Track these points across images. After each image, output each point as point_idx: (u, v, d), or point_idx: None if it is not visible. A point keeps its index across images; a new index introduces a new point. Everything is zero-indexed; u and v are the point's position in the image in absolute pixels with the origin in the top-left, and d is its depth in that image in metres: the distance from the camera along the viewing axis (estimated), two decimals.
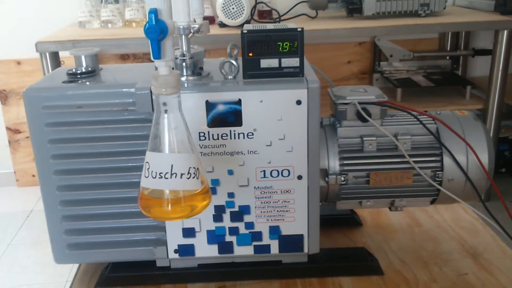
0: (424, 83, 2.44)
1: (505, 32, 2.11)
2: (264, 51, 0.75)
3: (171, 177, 0.61)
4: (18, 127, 2.70)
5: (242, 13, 2.02)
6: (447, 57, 2.65)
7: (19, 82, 2.61)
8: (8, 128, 2.70)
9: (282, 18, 2.31)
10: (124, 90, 0.76)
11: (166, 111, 0.62)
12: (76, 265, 0.90)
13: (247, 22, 2.08)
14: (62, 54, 2.03)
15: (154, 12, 0.58)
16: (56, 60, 2.00)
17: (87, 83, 0.79)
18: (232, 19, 2.03)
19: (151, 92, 0.74)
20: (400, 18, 2.16)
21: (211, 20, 2.23)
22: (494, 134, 2.29)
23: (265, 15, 2.34)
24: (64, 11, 2.46)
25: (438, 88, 2.44)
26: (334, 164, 0.81)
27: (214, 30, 2.07)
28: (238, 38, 0.75)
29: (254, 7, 2.26)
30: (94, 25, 2.26)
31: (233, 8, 2.00)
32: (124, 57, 2.56)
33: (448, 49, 2.67)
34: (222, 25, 2.09)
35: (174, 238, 0.81)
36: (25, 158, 2.74)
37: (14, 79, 2.62)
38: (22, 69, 2.61)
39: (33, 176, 2.73)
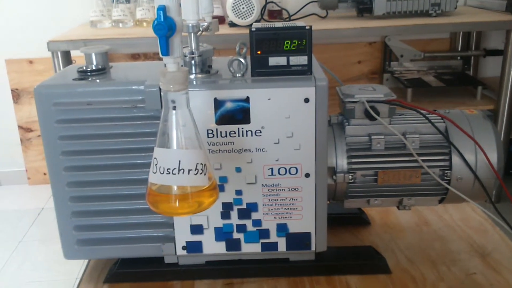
0: (435, 84, 2.43)
1: None
2: (273, 49, 0.75)
3: (178, 173, 0.61)
4: (30, 126, 2.73)
5: (252, 13, 2.02)
6: (458, 57, 2.64)
7: (31, 81, 2.64)
8: (20, 127, 2.73)
9: (292, 17, 2.31)
10: (133, 87, 0.76)
11: (174, 108, 0.62)
12: (86, 263, 0.90)
13: (257, 21, 2.08)
14: (74, 54, 2.05)
15: (162, 9, 0.58)
16: (67, 59, 2.02)
17: (97, 80, 0.80)
18: (242, 18, 2.03)
19: (160, 89, 0.74)
20: (410, 18, 2.15)
21: (221, 19, 2.24)
22: (505, 135, 2.27)
23: (275, 14, 2.34)
24: (76, 11, 2.48)
25: (449, 89, 2.43)
26: (342, 162, 0.81)
27: (224, 29, 2.07)
28: (248, 37, 0.75)
29: (264, 6, 2.26)
30: (105, 25, 2.28)
31: (243, 8, 2.01)
32: (135, 57, 2.58)
33: (459, 49, 2.65)
34: (232, 24, 2.10)
35: (182, 234, 0.81)
36: (37, 156, 2.76)
37: (26, 78, 2.65)
38: (34, 68, 2.63)
39: (45, 174, 2.76)
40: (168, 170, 0.62)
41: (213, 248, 0.82)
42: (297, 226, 0.81)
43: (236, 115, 0.75)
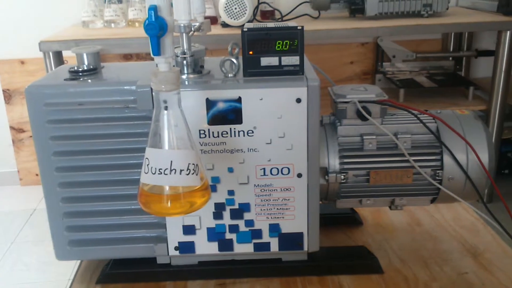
0: (427, 84, 2.44)
1: (508, 33, 2.11)
2: (264, 49, 0.75)
3: (170, 173, 0.61)
4: (21, 126, 2.71)
5: (245, 13, 2.02)
6: (450, 58, 2.65)
7: (22, 82, 2.62)
8: (12, 127, 2.71)
9: (284, 18, 2.31)
10: (125, 87, 0.76)
11: (166, 108, 0.62)
12: (78, 263, 0.90)
13: (250, 22, 2.08)
14: (66, 54, 2.04)
15: (153, 8, 0.58)
16: (59, 60, 2.01)
17: (89, 80, 0.79)
18: (234, 19, 2.03)
19: (152, 89, 0.74)
20: (402, 19, 2.16)
21: (213, 20, 2.24)
22: (496, 135, 2.29)
23: (268, 15, 2.34)
24: (68, 11, 2.47)
25: (441, 89, 2.45)
26: (334, 162, 0.81)
27: (217, 30, 2.07)
28: (240, 37, 0.75)
29: (257, 7, 2.26)
30: (97, 25, 2.27)
31: (235, 8, 2.01)
32: (127, 57, 2.57)
33: (451, 50, 2.67)
34: (225, 25, 2.10)
35: (175, 235, 0.81)
36: (29, 157, 2.75)
37: (18, 79, 2.63)
38: (26, 69, 2.62)
39: (36, 175, 2.74)
40: (160, 170, 0.62)
41: (205, 248, 0.82)
42: (289, 226, 0.81)
43: (228, 115, 0.75)
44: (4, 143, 2.74)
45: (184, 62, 0.78)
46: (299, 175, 0.78)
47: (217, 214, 0.80)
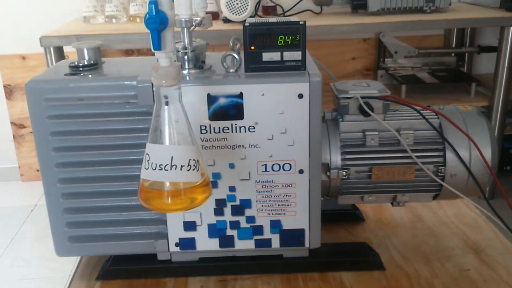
0: (429, 80, 2.43)
1: (511, 28, 2.10)
2: (266, 44, 0.75)
3: (171, 169, 0.61)
4: (22, 122, 2.71)
5: (246, 9, 2.02)
6: (452, 54, 2.64)
7: (23, 77, 2.62)
8: (12, 123, 2.71)
9: (286, 14, 2.30)
10: (126, 83, 0.76)
11: (166, 103, 0.62)
12: (78, 260, 0.90)
13: (252, 17, 2.08)
14: (67, 49, 2.03)
15: (154, 2, 0.57)
16: (60, 55, 2.01)
17: (89, 75, 0.79)
18: (236, 14, 2.03)
19: (152, 85, 0.73)
20: (405, 14, 2.15)
21: (215, 15, 2.23)
22: (499, 131, 2.28)
23: (270, 10, 2.33)
24: (69, 6, 2.46)
25: (443, 85, 2.44)
26: (336, 158, 0.81)
27: (218, 25, 2.07)
28: (242, 33, 0.75)
29: (259, 2, 2.25)
30: (98, 20, 2.27)
31: (237, 4, 2.00)
32: (128, 52, 2.57)
33: (453, 46, 2.65)
34: (226, 20, 2.09)
35: (175, 231, 0.81)
36: (30, 152, 2.75)
37: (18, 74, 2.63)
38: (27, 64, 2.61)
39: (37, 170, 2.72)
40: (161, 166, 0.61)
41: (206, 245, 0.81)
42: (291, 222, 0.81)
43: (229, 111, 0.74)
44: (5, 139, 2.74)
45: (185, 57, 0.77)
46: (301, 171, 0.78)
47: (218, 210, 0.79)
